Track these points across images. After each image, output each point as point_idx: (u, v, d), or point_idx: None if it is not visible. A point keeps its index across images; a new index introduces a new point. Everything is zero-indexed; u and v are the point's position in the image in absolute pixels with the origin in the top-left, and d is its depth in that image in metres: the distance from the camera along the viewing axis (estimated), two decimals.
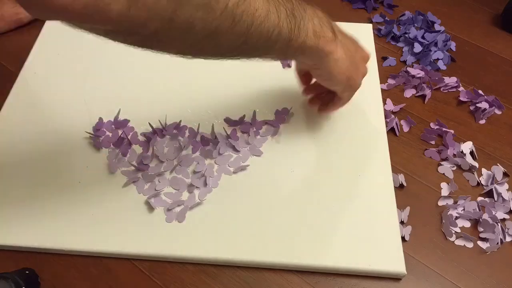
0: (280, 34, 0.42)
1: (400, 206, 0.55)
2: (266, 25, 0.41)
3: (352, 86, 0.54)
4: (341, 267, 0.50)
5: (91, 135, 0.58)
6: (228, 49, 0.42)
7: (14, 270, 0.48)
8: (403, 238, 0.53)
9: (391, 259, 0.51)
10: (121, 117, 0.61)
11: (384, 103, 0.65)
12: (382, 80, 0.68)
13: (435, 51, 0.72)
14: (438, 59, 0.72)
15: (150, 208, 0.53)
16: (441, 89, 0.68)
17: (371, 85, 0.66)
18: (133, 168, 0.56)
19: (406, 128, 0.64)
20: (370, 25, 0.75)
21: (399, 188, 0.58)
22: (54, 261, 0.51)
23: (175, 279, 0.51)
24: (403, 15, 0.77)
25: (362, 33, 0.73)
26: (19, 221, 0.52)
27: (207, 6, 0.36)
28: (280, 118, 0.62)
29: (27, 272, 0.49)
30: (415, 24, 0.76)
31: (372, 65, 0.68)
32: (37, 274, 0.49)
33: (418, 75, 0.68)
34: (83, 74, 0.66)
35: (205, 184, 0.55)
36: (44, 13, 0.33)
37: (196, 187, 0.55)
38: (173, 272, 0.51)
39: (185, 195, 0.55)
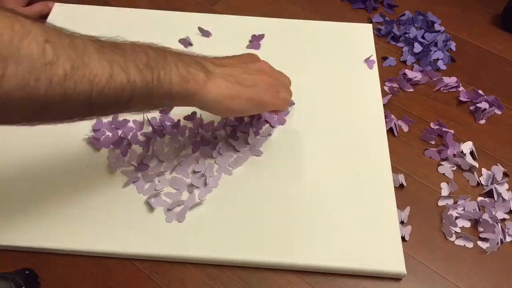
0: (134, 90, 0.40)
1: (400, 206, 0.55)
2: (112, 87, 0.38)
3: (267, 106, 0.52)
4: (341, 267, 0.50)
5: (91, 136, 0.58)
6: (73, 115, 0.40)
7: (14, 270, 0.48)
8: (403, 238, 0.53)
9: (391, 259, 0.51)
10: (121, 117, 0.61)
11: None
12: (382, 81, 0.68)
13: (435, 51, 0.72)
14: (438, 59, 0.72)
15: (150, 208, 0.53)
16: (441, 89, 0.68)
17: (371, 86, 0.66)
18: (133, 168, 0.56)
19: (405, 128, 0.64)
20: (370, 25, 0.75)
21: (399, 188, 0.58)
22: (54, 261, 0.51)
23: (175, 279, 0.51)
24: (403, 15, 0.77)
25: (362, 33, 0.73)
26: (19, 221, 0.52)
27: (27, 87, 0.33)
28: (280, 118, 0.62)
29: (27, 272, 0.49)
30: (415, 24, 0.76)
31: (373, 66, 0.68)
32: (37, 274, 0.49)
33: (415, 79, 0.68)
34: None
35: (205, 184, 0.55)
36: None
37: (196, 187, 0.55)
38: (173, 272, 0.51)
39: (185, 195, 0.55)
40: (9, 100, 0.33)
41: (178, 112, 0.61)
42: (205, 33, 0.71)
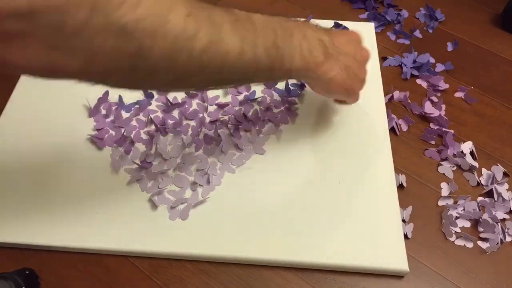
0: (258, 68, 0.42)
1: (400, 206, 0.55)
2: (240, 64, 0.40)
3: (352, 95, 0.54)
4: (344, 265, 0.50)
5: (93, 136, 0.59)
6: (203, 86, 0.43)
7: (14, 270, 0.48)
8: (405, 236, 0.53)
9: (394, 256, 0.51)
10: (124, 116, 0.61)
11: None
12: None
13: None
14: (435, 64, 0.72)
15: (154, 206, 0.54)
16: (441, 89, 0.68)
17: (373, 85, 0.66)
18: (136, 166, 0.56)
19: (405, 127, 0.64)
20: (372, 24, 0.75)
21: (399, 188, 0.58)
22: (54, 261, 0.51)
23: (175, 279, 0.51)
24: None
25: (364, 32, 0.72)
26: (23, 219, 0.52)
27: (169, 59, 0.35)
28: (283, 117, 0.62)
29: (27, 272, 0.49)
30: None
31: (375, 65, 0.68)
32: (37, 274, 0.49)
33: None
34: None
35: (208, 182, 0.55)
36: (4, 69, 0.33)
37: (199, 185, 0.55)
38: (173, 272, 0.51)
39: (188, 193, 0.55)
40: (155, 70, 0.36)
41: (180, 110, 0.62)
42: None
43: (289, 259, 0.51)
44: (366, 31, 0.72)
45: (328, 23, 0.74)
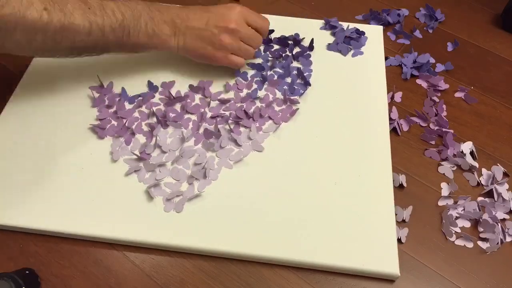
0: (107, 42, 0.55)
1: (401, 206, 0.56)
2: (90, 39, 0.54)
3: (216, 60, 0.61)
4: (336, 265, 0.50)
5: (95, 126, 0.60)
6: (64, 54, 0.55)
7: (14, 270, 0.48)
8: (399, 240, 0.53)
9: (385, 260, 0.51)
10: (127, 107, 0.62)
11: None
12: None
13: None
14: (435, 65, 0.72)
15: (149, 197, 0.54)
16: (441, 89, 0.68)
17: (377, 86, 0.66)
18: (135, 157, 0.57)
19: (405, 127, 0.64)
20: (381, 27, 0.74)
21: (399, 188, 0.58)
22: (54, 261, 0.51)
23: (174, 279, 0.51)
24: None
25: (372, 35, 0.72)
26: (20, 203, 0.53)
27: (31, 41, 0.50)
28: (284, 116, 0.62)
29: (27, 272, 0.49)
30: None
31: (380, 66, 0.68)
32: (37, 274, 0.49)
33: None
34: (90, 68, 0.66)
35: (205, 176, 0.56)
36: None
37: (196, 179, 0.56)
38: (173, 272, 0.51)
39: (184, 186, 0.55)
40: (20, 46, 0.51)
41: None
42: None
43: (280, 256, 0.51)
44: (374, 34, 0.72)
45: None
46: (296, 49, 0.70)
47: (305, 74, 0.66)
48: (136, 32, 0.57)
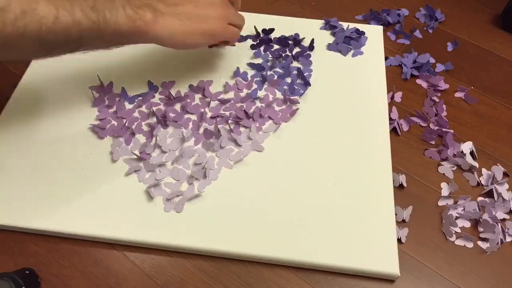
0: (82, 30, 0.47)
1: (401, 206, 0.56)
2: (59, 27, 0.45)
3: (217, 35, 0.56)
4: (336, 265, 0.50)
5: (95, 126, 0.60)
6: (32, 52, 0.48)
7: (14, 270, 0.48)
8: (399, 240, 0.53)
9: (385, 260, 0.51)
10: (127, 107, 0.62)
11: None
12: None
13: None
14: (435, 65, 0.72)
15: (149, 197, 0.54)
16: (441, 89, 0.68)
17: (376, 85, 0.66)
18: (135, 157, 0.57)
19: (405, 127, 0.64)
20: (381, 27, 0.74)
21: (399, 188, 0.58)
22: (54, 261, 0.51)
23: (174, 279, 0.51)
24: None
25: (372, 35, 0.72)
26: (21, 203, 0.53)
27: None
28: (284, 116, 0.62)
29: (27, 272, 0.49)
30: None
31: (380, 66, 0.68)
32: (37, 274, 0.49)
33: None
34: (90, 67, 0.66)
35: (205, 176, 0.56)
36: None
37: (196, 179, 0.56)
38: (173, 272, 0.51)
39: (184, 186, 0.55)
40: None
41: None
42: None
43: (280, 256, 0.51)
44: (374, 34, 0.72)
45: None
46: (296, 49, 0.70)
47: (305, 74, 0.66)
48: (114, 15, 0.49)
